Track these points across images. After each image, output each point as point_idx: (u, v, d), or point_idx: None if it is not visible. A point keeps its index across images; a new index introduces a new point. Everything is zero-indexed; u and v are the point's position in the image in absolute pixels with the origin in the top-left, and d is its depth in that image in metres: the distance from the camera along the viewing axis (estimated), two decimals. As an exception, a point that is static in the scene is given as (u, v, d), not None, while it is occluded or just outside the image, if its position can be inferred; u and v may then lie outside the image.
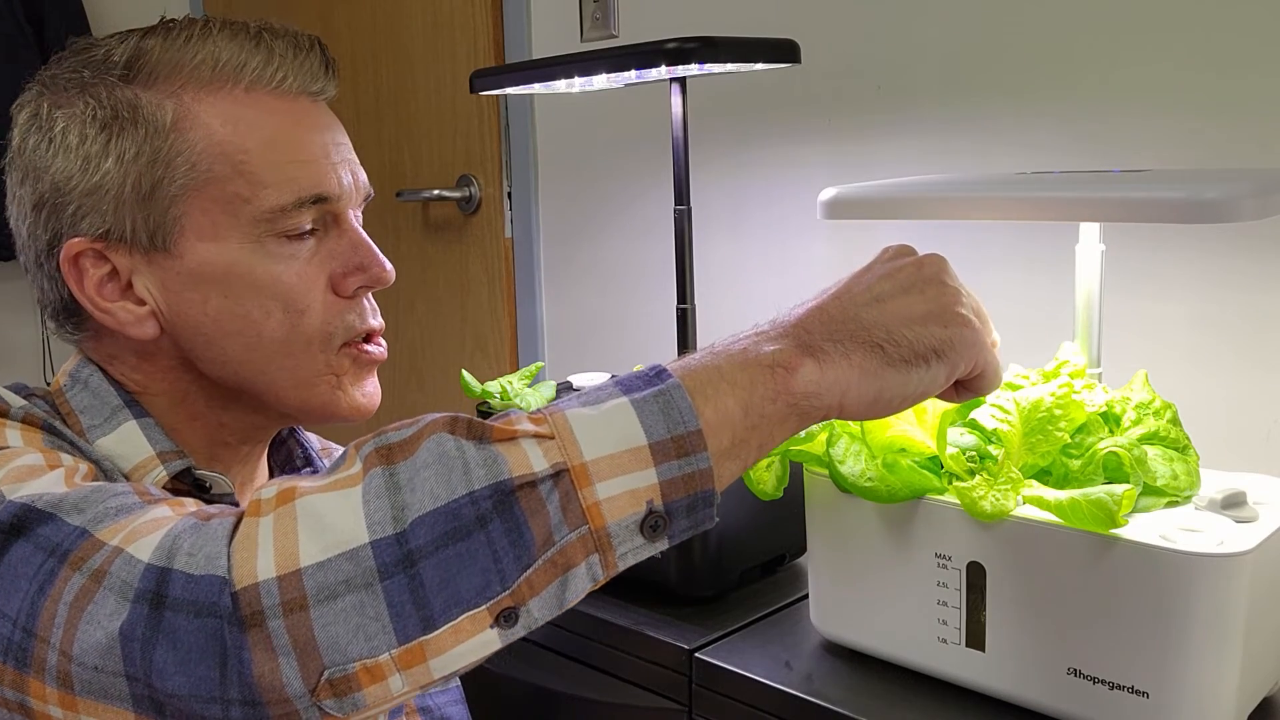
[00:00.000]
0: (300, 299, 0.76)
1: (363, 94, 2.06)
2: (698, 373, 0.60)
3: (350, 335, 0.79)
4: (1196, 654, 0.71)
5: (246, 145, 0.74)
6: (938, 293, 0.65)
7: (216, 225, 0.74)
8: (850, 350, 0.62)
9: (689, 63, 1.10)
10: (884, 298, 0.64)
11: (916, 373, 0.63)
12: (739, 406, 0.59)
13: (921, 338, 0.63)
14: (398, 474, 0.56)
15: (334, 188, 0.77)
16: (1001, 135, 1.25)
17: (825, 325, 0.63)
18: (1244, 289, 1.10)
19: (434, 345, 2.02)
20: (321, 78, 0.79)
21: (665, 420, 0.58)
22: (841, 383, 0.62)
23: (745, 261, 1.51)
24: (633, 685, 1.01)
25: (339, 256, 0.78)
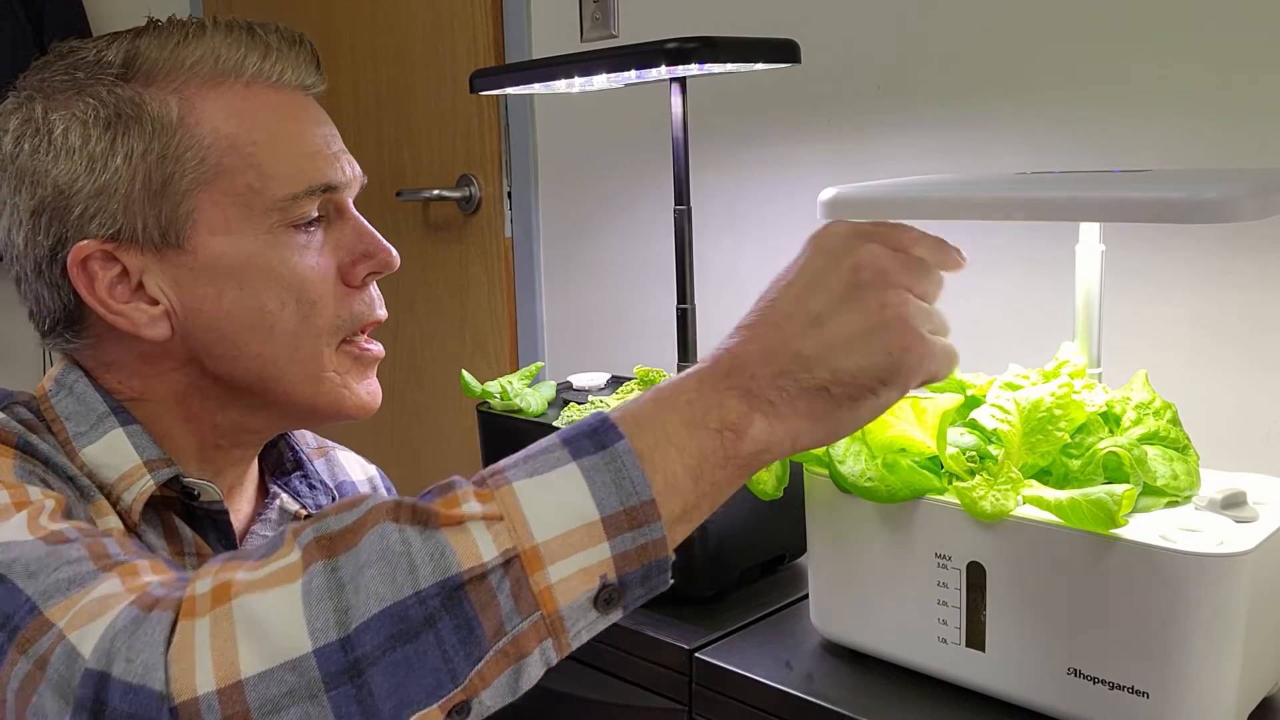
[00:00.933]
0: (313, 289, 0.77)
1: (363, 94, 2.06)
2: (645, 432, 0.58)
3: (359, 324, 0.80)
4: (1196, 654, 0.71)
5: (254, 137, 0.75)
6: (879, 301, 0.60)
7: (229, 218, 0.74)
8: (796, 397, 0.60)
9: (689, 63, 1.10)
10: (822, 319, 0.60)
11: (867, 403, 0.61)
12: (689, 475, 0.58)
13: (866, 369, 0.60)
14: (340, 570, 0.53)
15: (340, 176, 0.78)
16: (1001, 135, 1.25)
17: (767, 364, 0.60)
18: (1244, 289, 1.10)
19: (434, 345, 2.02)
20: (314, 73, 0.81)
21: (618, 491, 0.56)
22: (792, 433, 0.61)
23: (745, 261, 1.51)
24: (633, 685, 1.01)
25: (345, 245, 0.79)
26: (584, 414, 1.10)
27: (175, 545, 0.76)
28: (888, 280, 0.61)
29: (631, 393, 1.16)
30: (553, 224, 1.80)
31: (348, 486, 0.93)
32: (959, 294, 1.29)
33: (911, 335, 0.60)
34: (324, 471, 0.93)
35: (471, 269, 1.92)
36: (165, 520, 0.76)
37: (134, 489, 0.74)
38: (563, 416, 1.11)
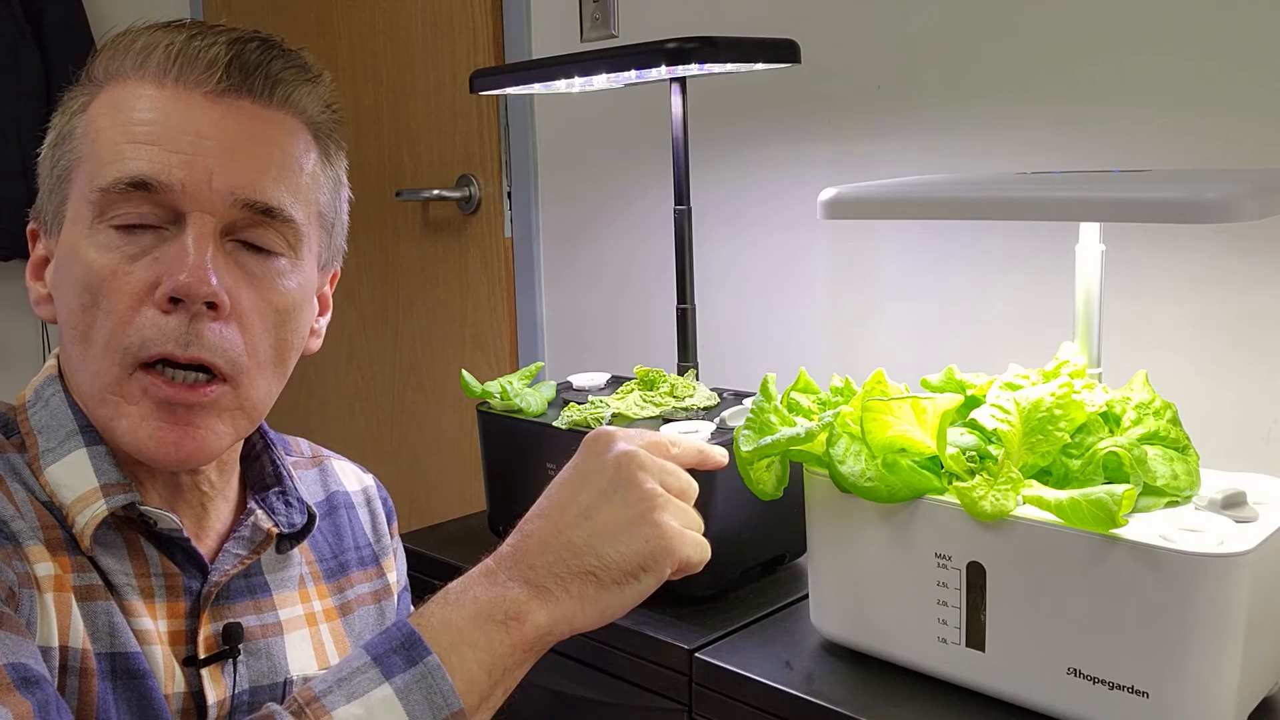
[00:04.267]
0: (110, 295, 0.70)
1: (363, 94, 2.06)
2: (444, 636, 0.66)
3: (141, 352, 0.71)
4: (1196, 654, 0.71)
5: (103, 124, 0.74)
6: (636, 496, 0.72)
7: (76, 209, 0.74)
8: (569, 582, 0.70)
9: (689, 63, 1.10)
10: (590, 512, 0.71)
11: (630, 587, 0.71)
12: (483, 670, 0.66)
13: (627, 557, 0.71)
14: None
15: (160, 174, 0.70)
16: (1001, 135, 1.25)
17: (544, 554, 0.70)
18: (1244, 289, 1.10)
19: (434, 345, 2.02)
20: (223, 78, 0.73)
21: (430, 707, 0.63)
22: (568, 615, 0.70)
23: (745, 261, 1.51)
24: (633, 685, 1.01)
25: (164, 263, 0.71)
26: (584, 414, 1.10)
27: (140, 566, 0.74)
28: (644, 477, 0.73)
29: (631, 393, 1.16)
30: (553, 224, 1.80)
31: (340, 497, 0.92)
32: (959, 294, 1.30)
33: (663, 527, 0.72)
34: (316, 482, 0.91)
35: (471, 269, 1.92)
36: (129, 539, 0.74)
37: (86, 513, 0.72)
38: (563, 416, 1.11)
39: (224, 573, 0.77)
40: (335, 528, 0.90)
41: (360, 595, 0.89)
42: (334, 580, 0.87)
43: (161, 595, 0.75)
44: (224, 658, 0.76)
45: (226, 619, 0.77)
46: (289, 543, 0.83)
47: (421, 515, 2.01)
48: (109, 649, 0.70)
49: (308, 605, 0.84)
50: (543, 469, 1.12)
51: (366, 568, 0.91)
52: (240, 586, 0.79)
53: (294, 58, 0.78)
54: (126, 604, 0.73)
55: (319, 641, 0.84)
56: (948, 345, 1.31)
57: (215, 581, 0.77)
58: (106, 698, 0.69)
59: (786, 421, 0.89)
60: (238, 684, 0.76)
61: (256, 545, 0.80)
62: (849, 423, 0.84)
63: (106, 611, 0.71)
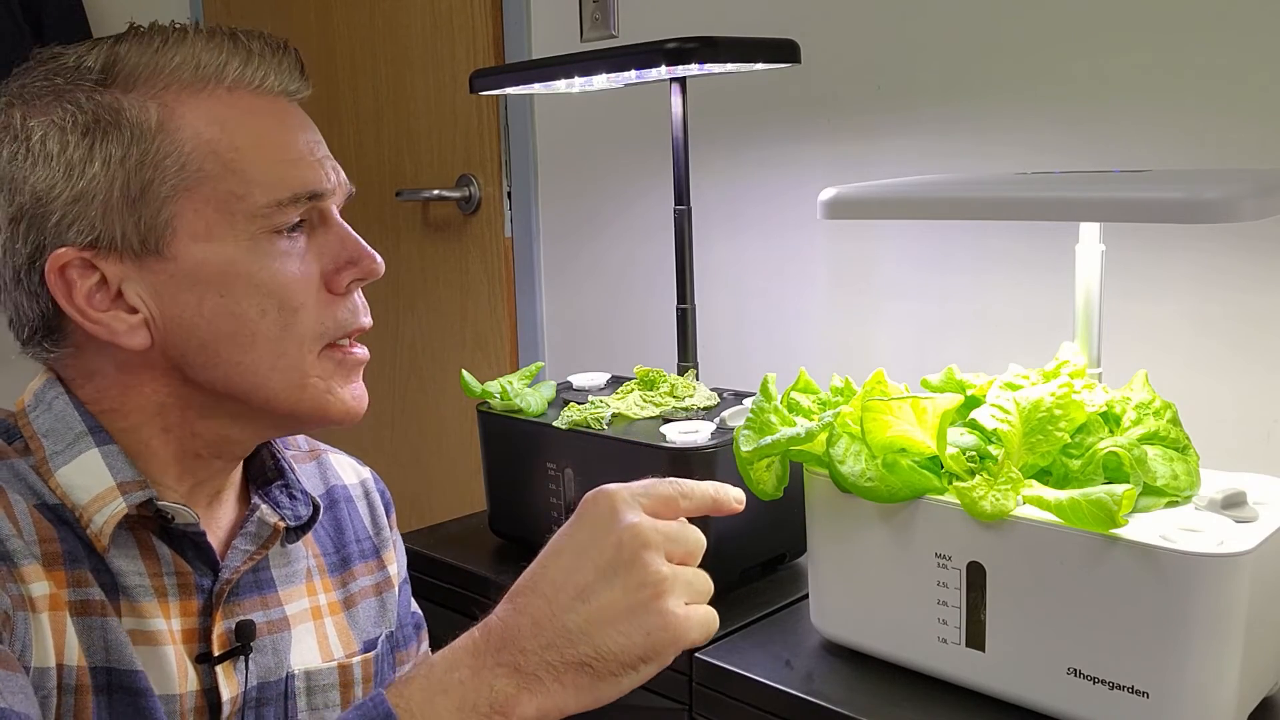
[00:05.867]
0: (296, 296, 0.76)
1: (363, 94, 2.06)
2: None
3: (343, 331, 0.79)
4: (1196, 654, 0.71)
5: (236, 143, 0.74)
6: (640, 581, 0.65)
7: (210, 225, 0.74)
8: (562, 672, 0.64)
9: (689, 63, 1.10)
10: (587, 594, 0.65)
11: (628, 677, 0.66)
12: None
13: (626, 649, 0.65)
14: None
15: (324, 184, 0.78)
16: (1001, 135, 1.25)
17: (536, 638, 0.65)
18: (1244, 289, 1.10)
19: (434, 345, 2.02)
20: (298, 78, 0.79)
21: None
22: (559, 704, 0.65)
23: (745, 261, 1.51)
24: (633, 685, 1.01)
25: (329, 253, 0.78)
26: (584, 414, 1.10)
27: (153, 566, 0.75)
28: (647, 558, 0.66)
29: (631, 393, 1.16)
30: (553, 224, 1.80)
31: (339, 490, 0.92)
32: (959, 294, 1.29)
33: (668, 616, 0.65)
34: (314, 475, 0.92)
35: (471, 269, 1.92)
36: (141, 539, 0.75)
37: (105, 511, 0.72)
38: (563, 416, 1.11)
39: (235, 569, 0.78)
40: (336, 521, 0.90)
41: (363, 588, 0.90)
42: (338, 574, 0.88)
43: (175, 594, 0.76)
44: (236, 654, 0.77)
45: (237, 616, 0.78)
46: (294, 535, 0.83)
47: (421, 515, 2.01)
48: (105, 663, 0.71)
49: (314, 599, 0.85)
50: (543, 469, 1.12)
51: (367, 560, 0.91)
52: (249, 582, 0.80)
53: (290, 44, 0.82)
54: (138, 606, 0.73)
55: (323, 635, 0.84)
56: (948, 345, 1.31)
57: (227, 579, 0.78)
58: (102, 713, 0.70)
59: (786, 421, 0.89)
60: (248, 680, 0.78)
61: (264, 540, 0.81)
62: (849, 423, 0.84)
63: (103, 626, 0.71)
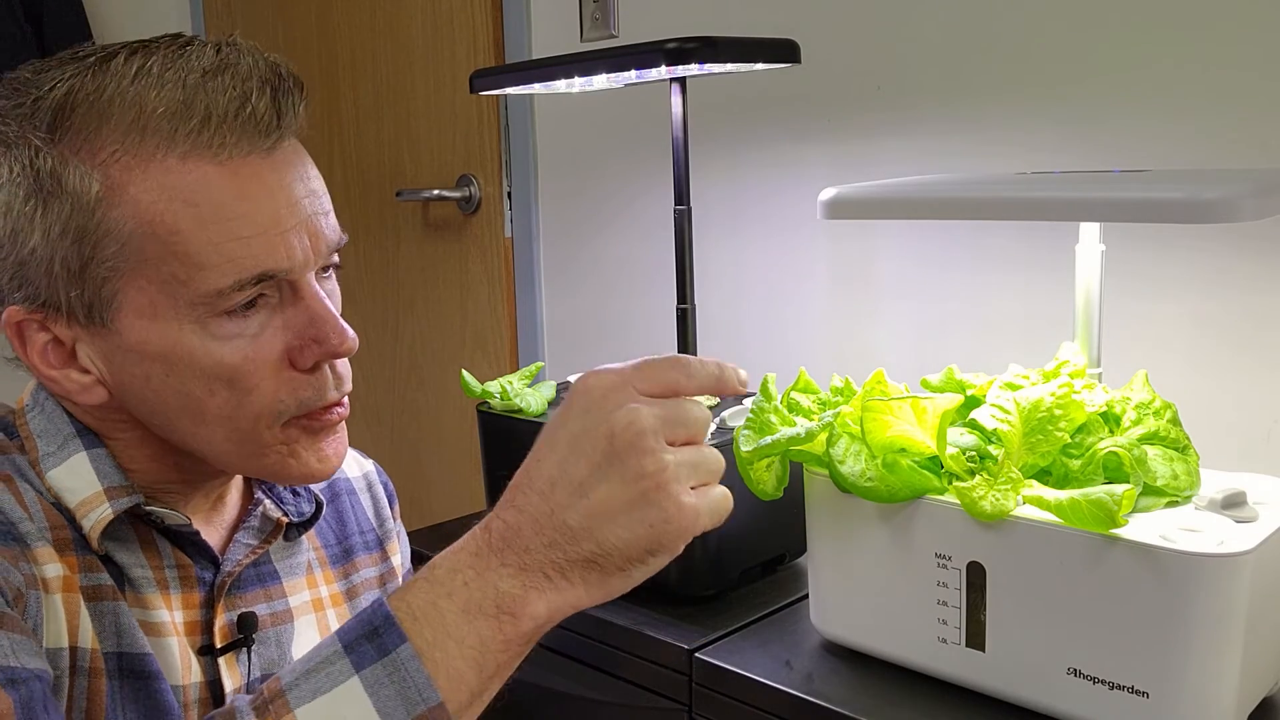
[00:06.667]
0: (247, 378, 0.71)
1: (363, 94, 2.06)
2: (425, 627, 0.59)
3: (305, 410, 0.73)
4: (1196, 654, 0.71)
5: (179, 225, 0.67)
6: (638, 472, 0.61)
7: (155, 304, 0.69)
8: (568, 570, 0.61)
9: (689, 63, 1.10)
10: (585, 489, 0.61)
11: (638, 570, 0.63)
12: (472, 668, 0.59)
13: (631, 544, 0.61)
14: None
15: (281, 261, 0.70)
16: (1001, 135, 1.25)
17: (538, 536, 0.61)
18: (1244, 289, 1.10)
19: (434, 345, 2.02)
20: (273, 130, 0.70)
21: (403, 702, 0.56)
22: (570, 601, 0.62)
23: (745, 261, 1.51)
24: (633, 685, 1.01)
25: (294, 328, 0.72)
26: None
27: (154, 559, 0.75)
28: (644, 446, 0.61)
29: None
30: (553, 224, 1.80)
31: (342, 483, 0.92)
32: (960, 294, 1.29)
33: (671, 506, 0.61)
34: None
35: (471, 269, 1.92)
36: (141, 534, 0.75)
37: (92, 516, 0.72)
38: (563, 416, 1.11)
39: (236, 563, 0.79)
40: (338, 514, 0.91)
41: (366, 579, 0.90)
42: (340, 566, 0.89)
43: (176, 586, 0.76)
44: (239, 646, 0.77)
45: (240, 608, 0.78)
46: (296, 531, 0.84)
47: (421, 515, 2.01)
48: (116, 648, 0.71)
49: (315, 591, 0.85)
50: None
51: (371, 552, 0.92)
52: (251, 575, 0.80)
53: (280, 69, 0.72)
54: (142, 598, 0.74)
55: (325, 627, 0.85)
56: (948, 345, 1.31)
57: (228, 572, 0.78)
58: (115, 697, 0.70)
59: (786, 421, 0.89)
60: (251, 672, 0.78)
61: (267, 535, 0.81)
62: (849, 423, 0.84)
63: (114, 611, 0.71)
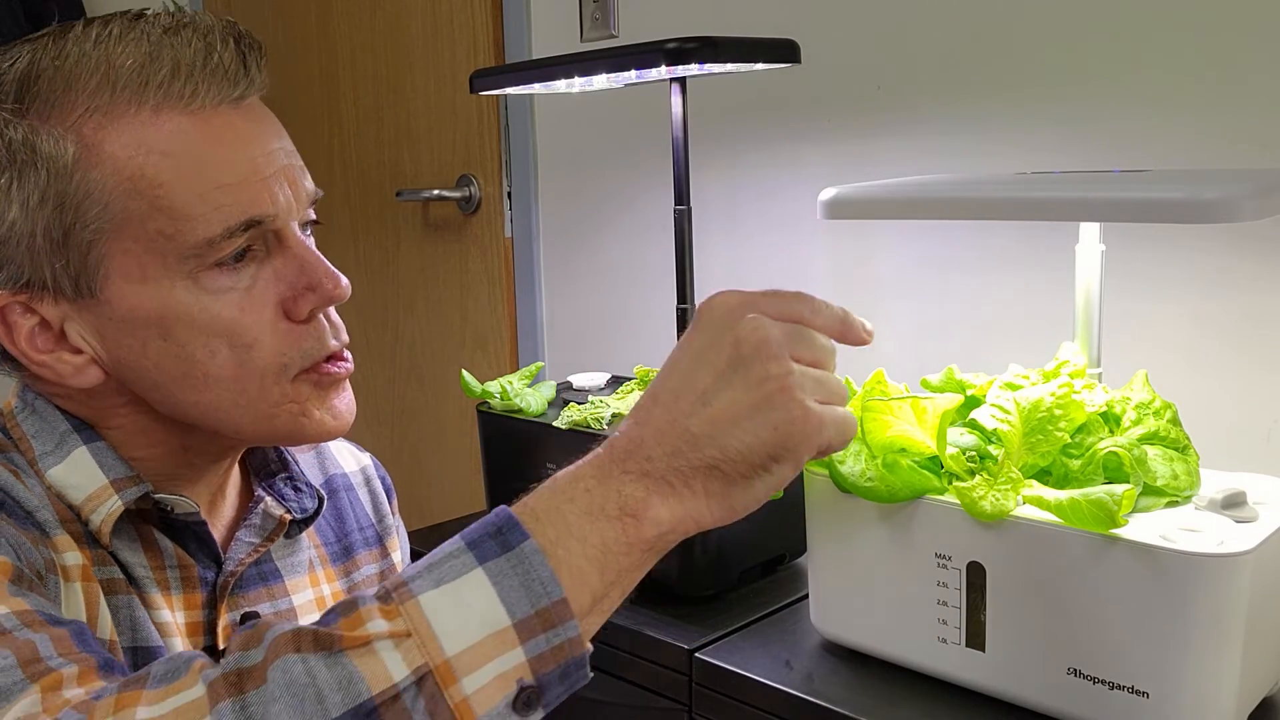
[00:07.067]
0: (246, 333, 0.70)
1: (363, 94, 2.06)
2: (548, 527, 0.57)
3: (309, 361, 0.73)
4: (1196, 654, 0.71)
5: (161, 177, 0.67)
6: (762, 376, 0.59)
7: (143, 266, 0.68)
8: (691, 478, 0.60)
9: (689, 63, 1.10)
10: (710, 398, 0.60)
11: (761, 480, 0.61)
12: (594, 568, 0.58)
13: (754, 448, 0.59)
14: (249, 707, 0.51)
15: (266, 207, 0.70)
16: (1001, 135, 1.25)
17: (660, 445, 0.60)
18: (1244, 289, 1.10)
19: (434, 345, 2.02)
20: (241, 80, 0.70)
21: (527, 594, 0.55)
22: (692, 513, 0.60)
23: (745, 261, 1.51)
24: (633, 685, 1.01)
25: (286, 278, 0.72)
26: (584, 414, 1.10)
27: (155, 559, 0.74)
28: (769, 353, 0.60)
29: (631, 393, 1.16)
30: (553, 224, 1.80)
31: (338, 479, 0.92)
32: (960, 294, 1.29)
33: (796, 408, 0.59)
34: (314, 465, 0.91)
35: (471, 269, 1.92)
36: (143, 533, 0.74)
37: (101, 510, 0.71)
38: (563, 416, 1.11)
39: (239, 561, 0.78)
40: (337, 511, 0.90)
41: (367, 576, 0.90)
42: (341, 564, 0.88)
43: (178, 587, 0.75)
44: None
45: (242, 608, 0.78)
46: (298, 528, 0.83)
47: (422, 515, 2.01)
48: (131, 643, 0.71)
49: (317, 590, 0.85)
50: (543, 469, 1.12)
51: (371, 548, 0.91)
52: (253, 574, 0.80)
53: (239, 26, 0.72)
54: (146, 597, 0.73)
55: None
56: (948, 345, 1.31)
57: (231, 571, 0.77)
58: None
59: (786, 421, 0.89)
60: None
61: (269, 533, 0.80)
62: (849, 423, 0.83)
63: (128, 605, 0.71)
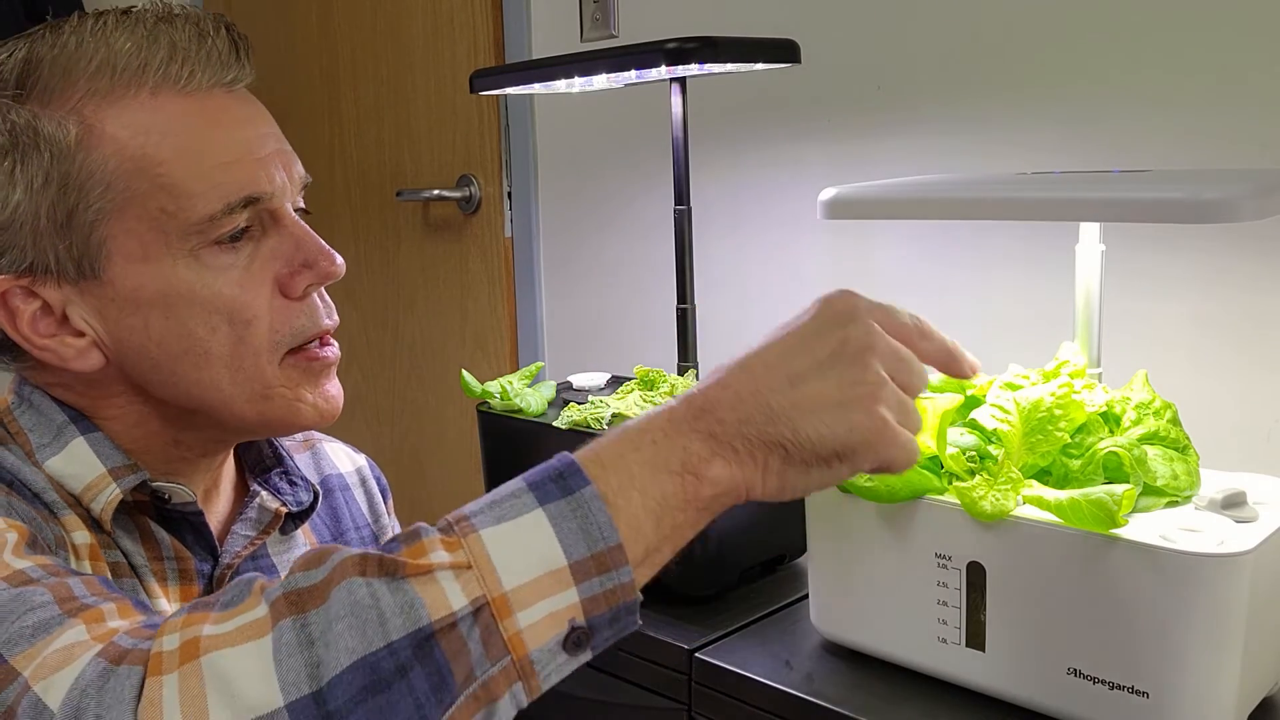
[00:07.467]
0: (246, 309, 0.72)
1: (363, 94, 2.06)
2: (610, 474, 0.59)
3: (303, 338, 0.75)
4: (1196, 654, 0.71)
5: (162, 155, 0.69)
6: (856, 378, 0.61)
7: (145, 245, 0.70)
8: (755, 447, 0.61)
9: (689, 63, 1.10)
10: (799, 379, 0.61)
11: (819, 471, 0.62)
12: (650, 518, 0.59)
13: (825, 439, 0.61)
14: (310, 626, 0.53)
15: (264, 185, 0.73)
16: (1001, 135, 1.25)
17: (735, 412, 0.61)
18: (1244, 289, 1.10)
19: (434, 345, 2.02)
20: (233, 65, 0.73)
21: (584, 537, 0.56)
22: (747, 481, 0.62)
23: (745, 261, 1.51)
24: (633, 685, 1.01)
25: (282, 256, 0.74)
26: (584, 414, 1.10)
27: (152, 550, 0.74)
28: (870, 360, 0.62)
29: (631, 393, 1.16)
30: (553, 224, 1.80)
31: (334, 479, 0.92)
32: (959, 294, 1.29)
33: (877, 418, 0.61)
34: (310, 466, 0.91)
35: (471, 269, 1.93)
36: (140, 525, 0.75)
37: (101, 499, 0.72)
38: (563, 416, 1.11)
39: (235, 554, 0.78)
40: (333, 511, 0.90)
41: None
42: None
43: (175, 580, 0.75)
44: None
45: None
46: (293, 523, 0.83)
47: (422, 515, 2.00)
48: None
49: None
50: (543, 469, 1.12)
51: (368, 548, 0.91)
52: (249, 569, 0.80)
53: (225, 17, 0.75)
54: (146, 586, 0.73)
55: None
56: (948, 345, 1.31)
57: (227, 564, 0.78)
58: None
59: (786, 421, 0.89)
60: None
61: (265, 526, 0.81)
62: (849, 423, 0.83)
63: (133, 589, 0.72)
